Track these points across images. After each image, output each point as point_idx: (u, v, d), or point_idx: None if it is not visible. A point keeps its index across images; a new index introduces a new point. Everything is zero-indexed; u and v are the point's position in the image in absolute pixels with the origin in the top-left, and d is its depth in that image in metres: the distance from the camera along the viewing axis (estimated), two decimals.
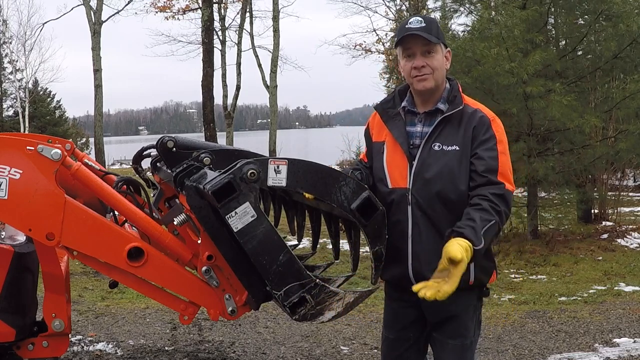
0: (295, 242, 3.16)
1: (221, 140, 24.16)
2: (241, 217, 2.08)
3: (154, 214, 2.70)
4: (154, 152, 2.84)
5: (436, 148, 2.35)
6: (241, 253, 2.25)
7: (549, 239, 8.96)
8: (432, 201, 2.33)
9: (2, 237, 2.95)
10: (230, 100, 25.44)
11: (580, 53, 9.60)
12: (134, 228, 2.78)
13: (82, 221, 2.40)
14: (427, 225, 2.34)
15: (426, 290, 2.03)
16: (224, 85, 25.88)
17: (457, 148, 2.32)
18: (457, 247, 2.03)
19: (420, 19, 2.41)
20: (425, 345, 2.62)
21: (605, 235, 9.47)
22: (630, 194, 14.26)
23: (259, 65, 26.95)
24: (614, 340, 4.77)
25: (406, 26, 2.40)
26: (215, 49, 21.75)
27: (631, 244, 9.01)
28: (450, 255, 2.00)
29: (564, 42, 10.02)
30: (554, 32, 10.15)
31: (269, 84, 25.74)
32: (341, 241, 2.83)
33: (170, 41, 29.33)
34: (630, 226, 10.06)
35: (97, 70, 24.93)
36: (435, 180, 2.32)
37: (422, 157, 2.36)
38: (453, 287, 2.01)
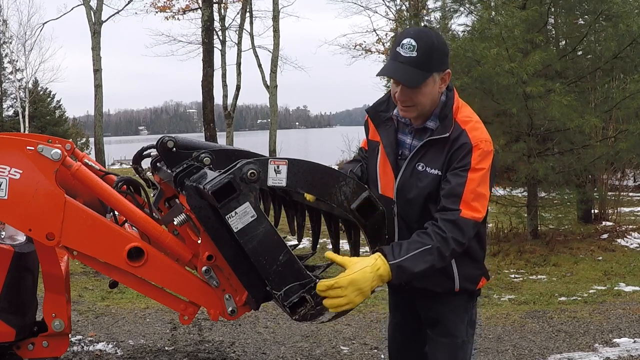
0: (295, 242, 3.16)
1: (221, 140, 24.19)
2: (241, 217, 2.08)
3: (154, 214, 2.70)
4: (154, 152, 2.84)
5: (420, 168, 2.28)
6: (241, 253, 2.24)
7: (549, 239, 8.96)
8: (414, 219, 2.32)
9: (2, 237, 2.95)
10: (230, 100, 25.46)
11: (580, 53, 9.60)
12: (134, 228, 2.78)
13: (82, 221, 2.39)
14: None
15: (328, 299, 2.03)
16: (224, 85, 25.89)
17: (439, 173, 2.25)
18: (362, 264, 2.03)
19: (413, 43, 2.17)
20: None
21: (605, 235, 9.46)
22: (630, 194, 14.26)
23: (259, 65, 26.98)
24: (614, 340, 4.77)
25: (397, 49, 2.19)
26: (215, 49, 21.77)
27: (631, 244, 9.01)
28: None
29: (564, 42, 10.01)
30: (554, 32, 10.15)
31: (269, 84, 25.76)
32: (341, 241, 2.83)
33: (170, 41, 29.41)
34: (630, 226, 10.05)
35: (97, 70, 24.94)
36: (416, 201, 2.30)
37: (405, 176, 2.32)
38: (344, 304, 2.01)
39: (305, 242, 5.73)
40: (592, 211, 10.64)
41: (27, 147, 2.33)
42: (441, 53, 2.24)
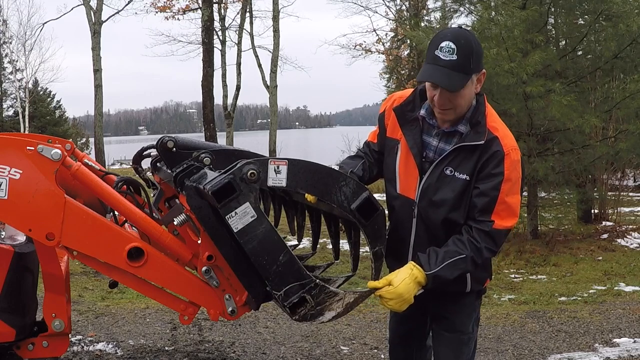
0: (295, 242, 3.16)
1: (221, 140, 24.17)
2: (241, 217, 2.08)
3: (154, 214, 2.70)
4: (154, 152, 2.84)
5: (447, 172, 2.29)
6: (241, 253, 2.25)
7: (549, 239, 8.96)
8: (436, 222, 2.34)
9: (2, 237, 2.95)
10: (230, 100, 25.45)
11: (580, 53, 9.60)
12: (134, 228, 2.78)
13: (82, 221, 2.40)
14: (429, 239, 2.37)
15: (384, 296, 2.23)
16: (224, 85, 25.88)
17: (467, 178, 2.27)
18: (400, 276, 2.22)
19: (452, 46, 2.15)
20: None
21: (605, 235, 9.47)
22: (630, 194, 14.26)
23: (259, 65, 26.96)
24: (614, 340, 4.77)
25: (435, 52, 2.17)
26: (215, 49, 21.77)
27: (631, 244, 9.01)
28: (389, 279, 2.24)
29: (564, 42, 10.01)
30: (554, 32, 10.15)
31: (269, 84, 25.74)
32: (341, 241, 2.83)
33: (170, 41, 29.38)
34: (630, 226, 10.06)
35: (97, 70, 24.93)
36: (441, 204, 2.30)
37: (432, 179, 2.32)
38: (390, 303, 2.23)
39: (305, 242, 5.73)
40: (592, 211, 10.64)
41: (27, 147, 2.34)
42: (479, 54, 2.23)
